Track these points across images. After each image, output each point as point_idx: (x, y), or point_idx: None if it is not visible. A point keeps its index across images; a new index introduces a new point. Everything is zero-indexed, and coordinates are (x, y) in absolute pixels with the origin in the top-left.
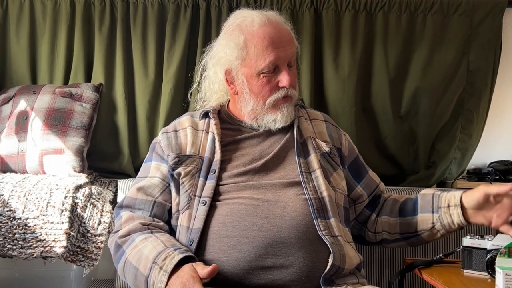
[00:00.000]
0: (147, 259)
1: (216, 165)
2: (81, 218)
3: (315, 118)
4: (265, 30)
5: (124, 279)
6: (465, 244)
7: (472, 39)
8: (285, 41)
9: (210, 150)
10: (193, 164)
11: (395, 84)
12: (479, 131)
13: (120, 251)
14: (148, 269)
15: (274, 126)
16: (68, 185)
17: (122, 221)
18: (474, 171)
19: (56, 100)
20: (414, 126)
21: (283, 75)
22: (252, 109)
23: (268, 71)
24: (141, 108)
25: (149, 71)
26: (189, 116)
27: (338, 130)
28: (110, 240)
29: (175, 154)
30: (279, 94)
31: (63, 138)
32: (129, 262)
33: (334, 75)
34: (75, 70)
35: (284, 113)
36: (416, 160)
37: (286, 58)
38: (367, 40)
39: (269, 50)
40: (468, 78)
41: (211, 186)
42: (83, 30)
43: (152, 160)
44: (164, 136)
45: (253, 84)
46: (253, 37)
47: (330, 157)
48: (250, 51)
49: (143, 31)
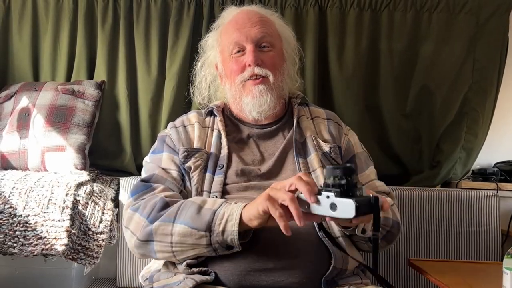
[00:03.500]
0: (215, 201)
1: (224, 160)
2: (83, 216)
3: (317, 116)
4: (234, 17)
5: (170, 227)
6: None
7: (478, 38)
8: (252, 21)
9: (216, 146)
10: (202, 159)
11: (400, 83)
12: (484, 130)
13: (170, 208)
14: (218, 205)
15: (251, 114)
16: (70, 182)
17: (157, 190)
18: (479, 171)
19: (58, 97)
20: (418, 125)
21: (248, 54)
22: (232, 96)
23: (235, 52)
24: (143, 106)
25: (152, 68)
26: (195, 113)
27: (340, 128)
28: (138, 205)
29: (185, 148)
30: (245, 73)
31: (65, 135)
32: (191, 202)
33: (339, 73)
34: (78, 67)
35: (256, 96)
36: (421, 160)
37: (251, 37)
38: (372, 38)
39: (232, 31)
40: (474, 77)
41: (220, 181)
42: (85, 27)
43: (164, 151)
44: (174, 130)
45: (227, 68)
46: (224, 26)
47: (331, 157)
48: (223, 38)
49: (146, 28)
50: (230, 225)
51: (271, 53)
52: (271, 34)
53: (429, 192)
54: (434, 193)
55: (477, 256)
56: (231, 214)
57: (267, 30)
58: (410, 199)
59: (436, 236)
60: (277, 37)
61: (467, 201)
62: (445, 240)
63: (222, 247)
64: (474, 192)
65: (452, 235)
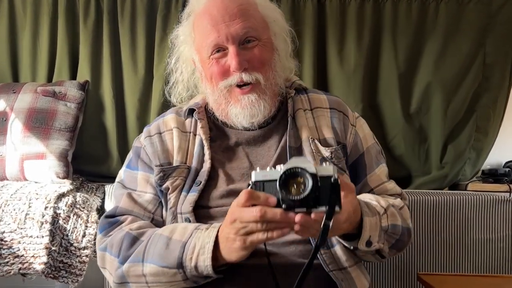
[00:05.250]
0: (185, 228)
1: (203, 176)
2: (64, 231)
3: (317, 107)
4: (207, 6)
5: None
6: (255, 179)
7: (489, 29)
8: (230, 13)
9: (198, 158)
10: (181, 176)
11: (405, 79)
12: (495, 129)
13: (138, 243)
14: (188, 235)
15: (240, 124)
16: (49, 194)
17: (125, 223)
18: (489, 171)
19: (38, 99)
20: (425, 124)
21: (231, 57)
22: (215, 101)
23: (214, 53)
24: (130, 107)
25: (139, 67)
26: (174, 114)
27: (345, 119)
28: (106, 244)
29: (160, 168)
30: (230, 80)
31: (46, 141)
32: (158, 235)
33: (339, 69)
34: (59, 67)
35: (246, 107)
36: (427, 161)
37: (232, 36)
38: (375, 31)
39: (208, 29)
40: (484, 72)
41: (191, 200)
42: (67, 23)
43: (139, 170)
44: (148, 142)
45: (206, 69)
46: (196, 17)
47: (333, 162)
48: (196, 33)
49: (131, 23)
50: (202, 259)
51: (257, 48)
52: (255, 25)
53: (437, 197)
54: (443, 197)
55: (491, 265)
56: (203, 247)
57: (250, 22)
58: (417, 204)
59: (446, 245)
60: (262, 25)
61: (478, 206)
62: (456, 249)
63: (201, 278)
64: (485, 196)
65: (463, 243)
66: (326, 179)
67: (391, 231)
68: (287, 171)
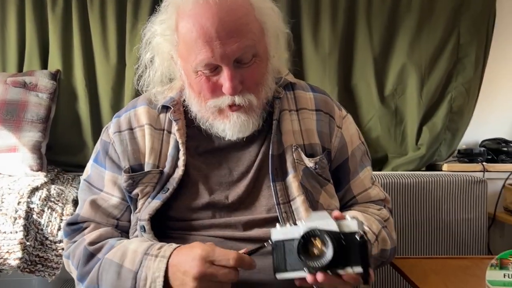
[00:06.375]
0: (135, 253)
1: (172, 184)
2: (38, 225)
3: (304, 108)
4: (197, 11)
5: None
6: (275, 238)
7: (463, 10)
8: (227, 31)
9: (172, 162)
10: (152, 183)
11: (380, 61)
12: (470, 109)
13: (94, 261)
14: (138, 263)
15: (226, 137)
16: (22, 188)
17: (87, 230)
18: (465, 151)
19: (8, 91)
20: (400, 106)
21: (224, 79)
22: (198, 110)
23: (204, 70)
24: (104, 96)
25: (111, 54)
26: (146, 106)
27: (331, 121)
28: (69, 252)
29: (129, 174)
30: (221, 102)
31: (18, 134)
32: (109, 260)
33: (314, 52)
34: (29, 56)
35: (236, 124)
36: (403, 142)
37: (228, 56)
38: (349, 13)
39: (199, 45)
40: (459, 53)
41: (152, 207)
42: (34, 11)
43: (106, 169)
44: (118, 138)
45: (192, 80)
46: (182, 17)
47: (317, 173)
48: (181, 40)
49: (101, 9)
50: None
51: (253, 66)
52: (253, 42)
53: (413, 179)
54: (418, 179)
55: (463, 245)
56: (153, 281)
57: (248, 40)
58: (393, 186)
59: (420, 228)
60: (259, 36)
61: (452, 187)
62: (430, 231)
63: None
64: (460, 176)
65: (437, 225)
66: (350, 236)
67: (380, 256)
68: (305, 235)
